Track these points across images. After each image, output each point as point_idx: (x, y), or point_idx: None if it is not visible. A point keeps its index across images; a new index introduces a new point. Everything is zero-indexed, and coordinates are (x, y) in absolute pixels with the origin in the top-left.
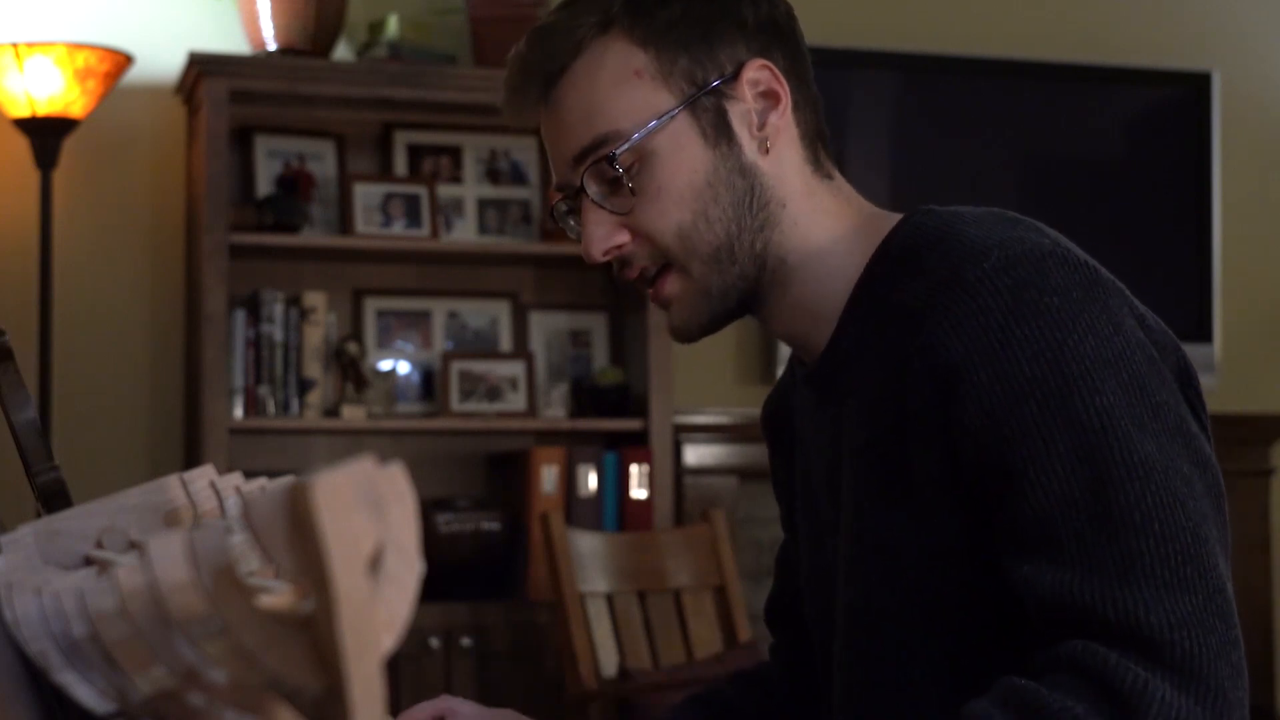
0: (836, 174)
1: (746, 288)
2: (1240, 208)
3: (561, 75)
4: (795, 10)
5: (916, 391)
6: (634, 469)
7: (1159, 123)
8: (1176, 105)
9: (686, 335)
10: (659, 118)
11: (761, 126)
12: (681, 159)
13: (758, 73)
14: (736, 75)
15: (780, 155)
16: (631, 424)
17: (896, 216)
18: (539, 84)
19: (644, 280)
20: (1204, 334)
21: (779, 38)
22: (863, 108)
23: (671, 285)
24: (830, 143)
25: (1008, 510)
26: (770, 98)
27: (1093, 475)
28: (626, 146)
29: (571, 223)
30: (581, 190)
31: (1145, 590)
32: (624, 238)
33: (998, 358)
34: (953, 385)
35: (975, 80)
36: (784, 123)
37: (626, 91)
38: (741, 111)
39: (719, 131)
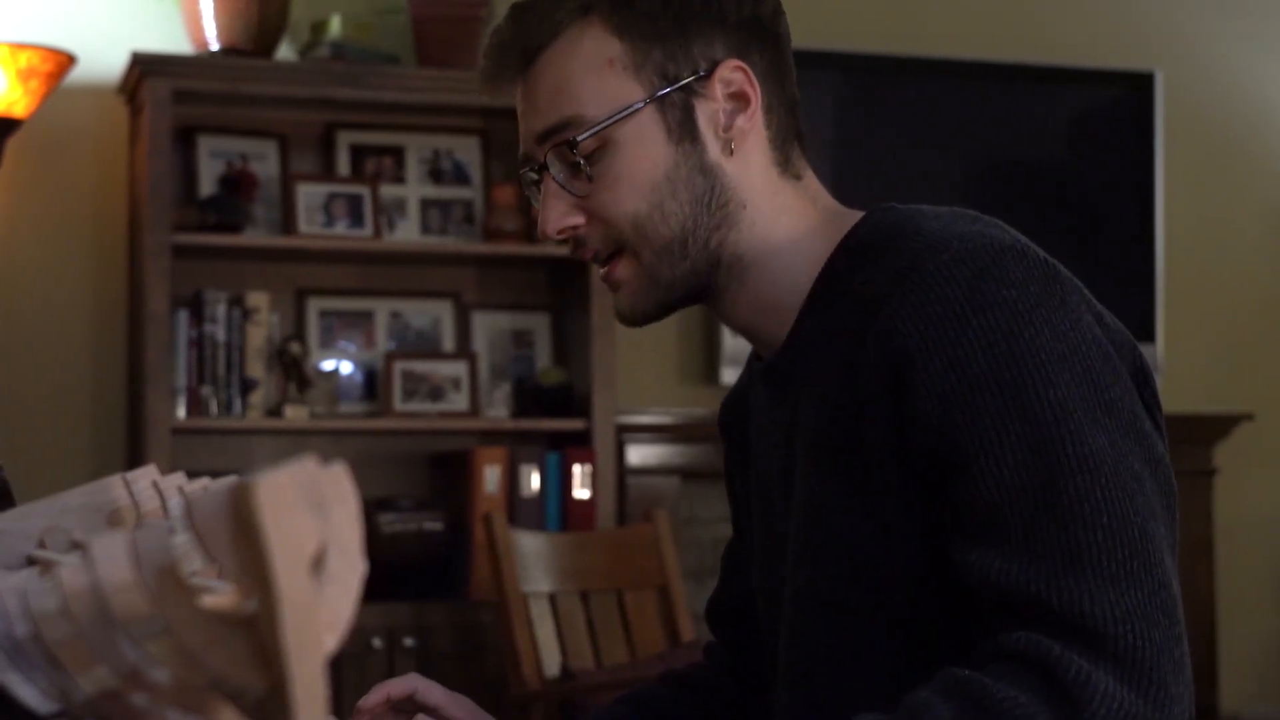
0: (807, 173)
1: (696, 282)
2: (1183, 207)
3: (538, 54)
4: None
5: (870, 377)
6: (577, 469)
7: (1102, 123)
8: (1119, 105)
9: (632, 320)
10: (624, 109)
11: (728, 128)
12: (643, 152)
13: (731, 73)
14: (709, 74)
15: (745, 156)
16: (574, 424)
17: (859, 214)
18: (515, 59)
19: (597, 260)
20: (1147, 334)
21: (760, 36)
22: (806, 108)
23: (623, 269)
24: (805, 142)
25: (957, 498)
26: (740, 99)
27: (1043, 467)
28: (589, 134)
29: (536, 191)
30: (544, 167)
31: (1091, 582)
32: (579, 219)
33: (953, 346)
34: (907, 372)
35: (918, 80)
36: (751, 125)
37: (597, 79)
38: (709, 111)
39: (683, 129)
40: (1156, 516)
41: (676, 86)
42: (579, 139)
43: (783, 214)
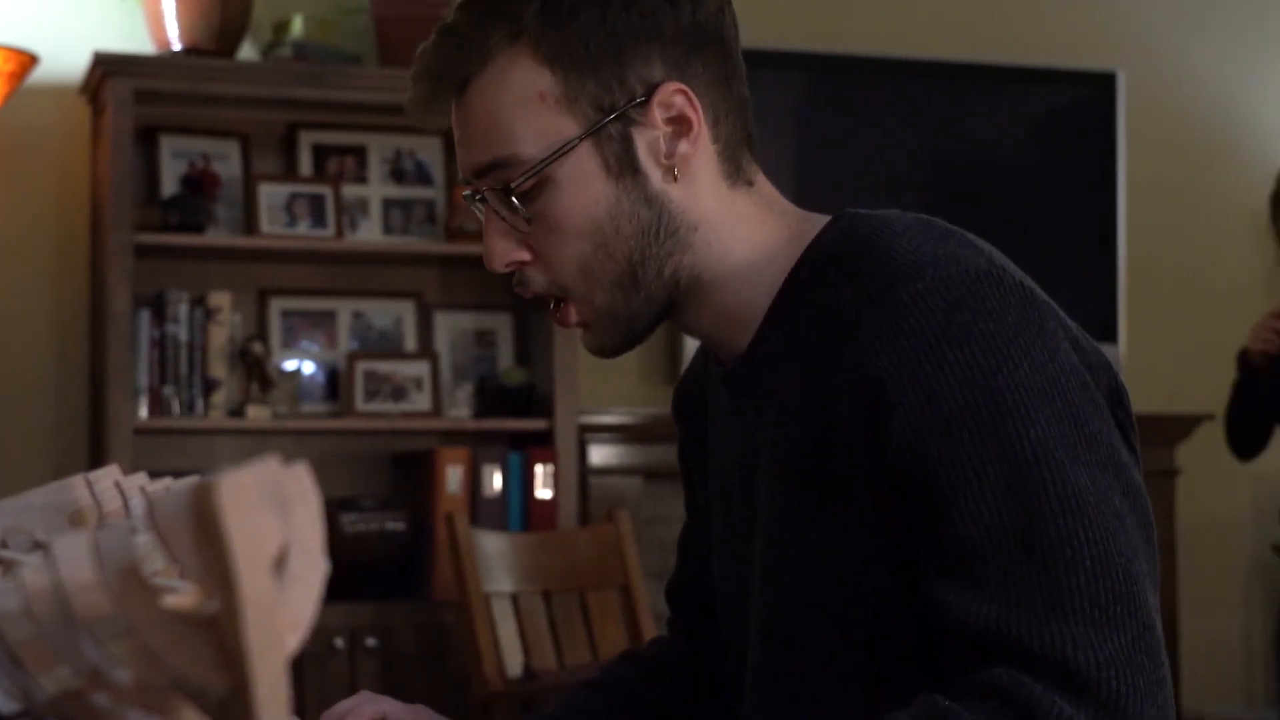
0: (759, 177)
1: (657, 309)
2: (1145, 208)
3: (468, 83)
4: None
5: (844, 406)
6: (539, 469)
7: (1064, 123)
8: (1082, 105)
9: (606, 354)
10: (559, 147)
11: (670, 154)
12: (582, 191)
13: (671, 97)
14: (647, 99)
15: (692, 179)
16: (536, 424)
17: (820, 219)
18: (447, 88)
19: (540, 304)
20: (1109, 334)
21: (702, 43)
22: (768, 109)
23: (578, 313)
24: (755, 144)
25: (934, 535)
26: (682, 123)
27: (1024, 507)
28: (524, 177)
29: (480, 209)
30: (484, 199)
31: (1074, 627)
32: (524, 255)
33: (929, 382)
34: (882, 405)
35: (881, 80)
36: (695, 148)
37: (529, 114)
38: (649, 139)
39: (622, 163)
40: (1139, 554)
41: (612, 118)
42: (514, 185)
43: (739, 226)
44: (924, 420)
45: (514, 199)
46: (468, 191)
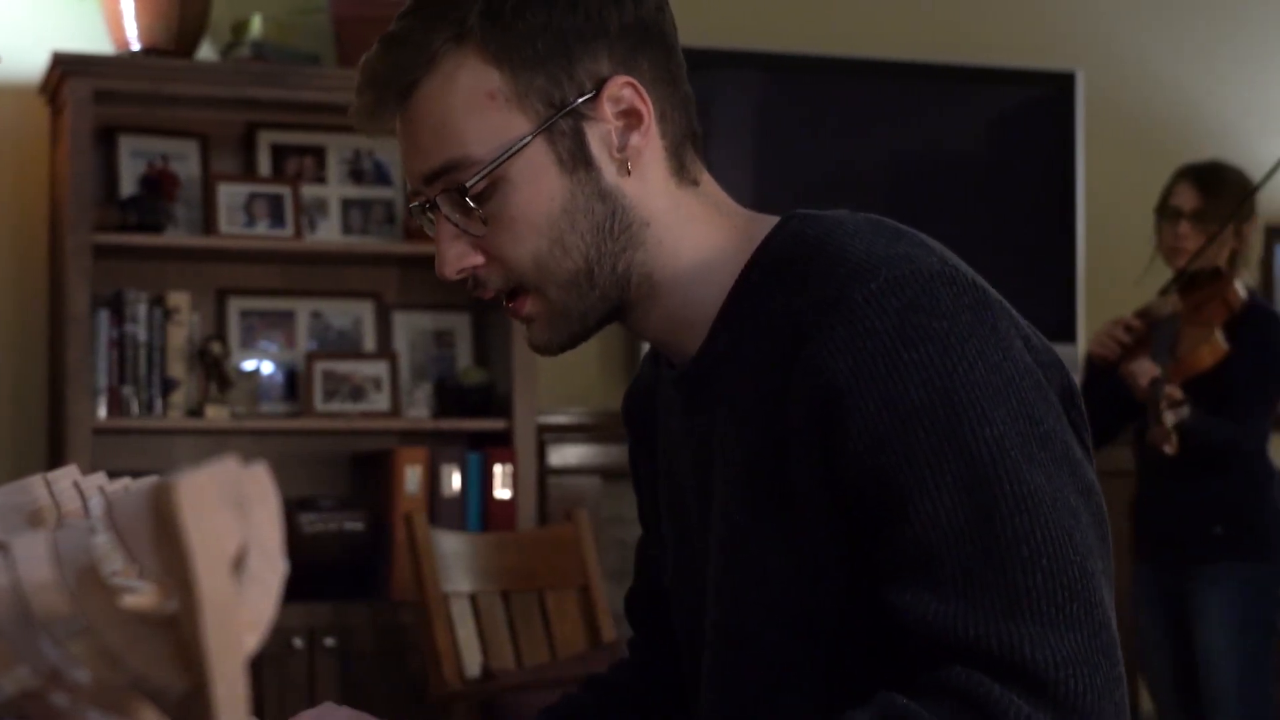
0: (704, 176)
1: (608, 307)
2: (1104, 207)
3: (414, 88)
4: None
5: (798, 410)
6: (498, 469)
7: (1023, 122)
8: (1040, 105)
9: (547, 351)
10: (512, 145)
11: (622, 147)
12: (537, 188)
13: (620, 90)
14: (597, 94)
15: (643, 173)
16: (495, 424)
17: (769, 220)
18: (392, 96)
19: (499, 299)
20: (1068, 334)
21: (647, 39)
22: (727, 108)
23: (531, 306)
24: (700, 142)
25: (890, 537)
26: (632, 116)
27: (980, 507)
28: (478, 177)
29: (428, 220)
30: (435, 206)
31: (1031, 626)
32: (478, 259)
33: (885, 383)
34: (837, 408)
35: (840, 80)
36: (646, 141)
37: (479, 114)
38: (601, 133)
39: (576, 157)
40: (1094, 552)
41: (563, 113)
42: (469, 184)
43: (688, 225)
44: (880, 421)
45: (468, 200)
46: (415, 203)
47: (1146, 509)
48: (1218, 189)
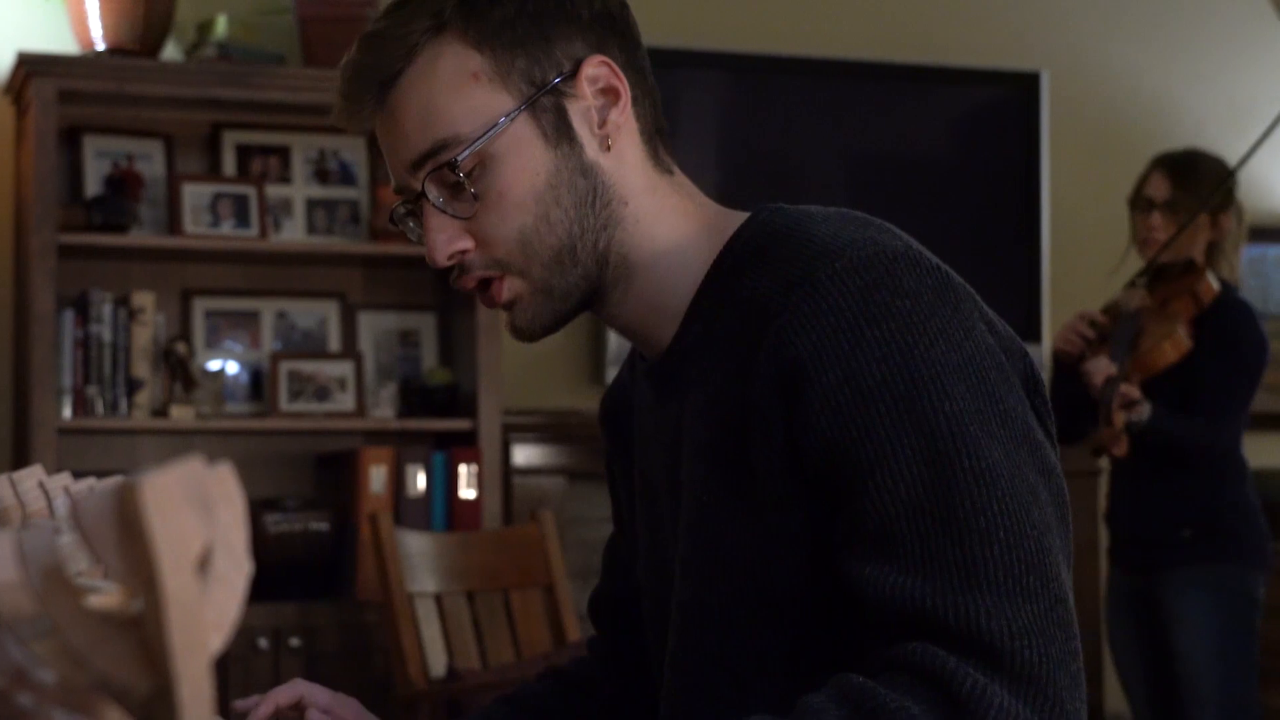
0: (676, 170)
1: (589, 287)
2: (1069, 207)
3: (396, 80)
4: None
5: (762, 387)
6: (462, 469)
7: (988, 123)
8: (1005, 105)
9: (529, 335)
10: (499, 121)
11: (602, 124)
12: (523, 162)
13: (597, 69)
14: (575, 72)
15: (621, 152)
16: (460, 424)
17: (743, 215)
18: (373, 90)
19: (479, 290)
20: (1033, 334)
21: (614, 31)
22: (691, 109)
23: (509, 289)
24: (668, 137)
25: (850, 511)
26: (610, 94)
27: (939, 480)
28: (468, 152)
29: (411, 224)
30: (422, 195)
31: (987, 597)
32: (467, 243)
33: (847, 359)
34: (800, 383)
35: (804, 80)
36: (624, 119)
37: (464, 95)
38: (582, 109)
39: (560, 132)
40: (1052, 529)
41: (545, 90)
42: (459, 158)
43: (664, 211)
44: (841, 396)
45: (459, 176)
46: (400, 203)
47: (1116, 511)
48: (1191, 178)
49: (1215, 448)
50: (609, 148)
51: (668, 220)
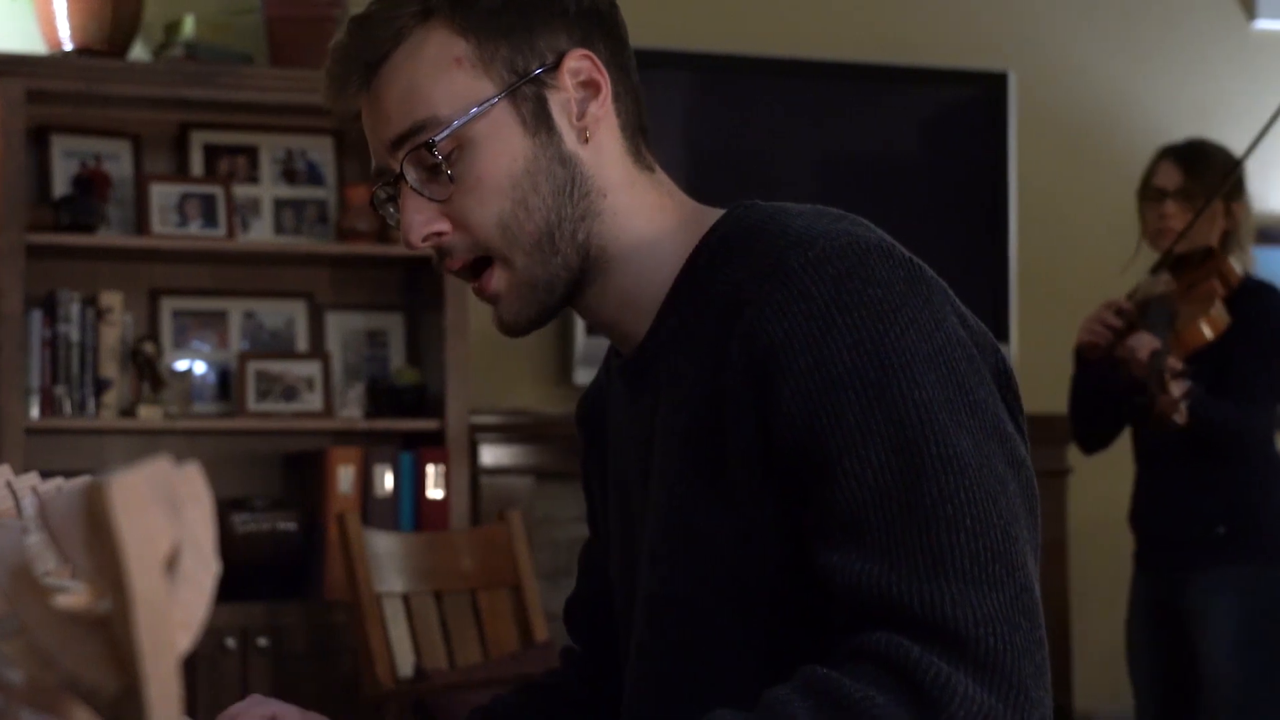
0: (657, 167)
1: (571, 278)
2: (1036, 208)
3: (382, 63)
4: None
5: (733, 375)
6: (430, 469)
7: (955, 123)
8: (973, 105)
9: (516, 329)
10: (479, 105)
11: (581, 116)
12: (501, 147)
13: (579, 62)
14: (557, 64)
15: (600, 145)
16: (428, 424)
17: (719, 211)
18: (360, 72)
19: (467, 273)
20: (1000, 334)
21: (601, 27)
22: (658, 109)
23: (498, 280)
24: (650, 136)
25: (819, 498)
26: (591, 87)
27: (907, 468)
28: (446, 133)
29: (391, 209)
30: (400, 177)
31: (953, 585)
32: (444, 225)
33: (818, 346)
34: (770, 370)
35: (772, 81)
36: (604, 112)
37: (447, 78)
38: (562, 100)
39: (539, 120)
40: (1019, 519)
41: (526, 79)
42: (436, 139)
43: (642, 205)
44: (812, 385)
45: (435, 157)
46: (378, 186)
47: (1144, 510)
48: (1201, 164)
49: (1248, 435)
50: (587, 140)
51: (645, 215)
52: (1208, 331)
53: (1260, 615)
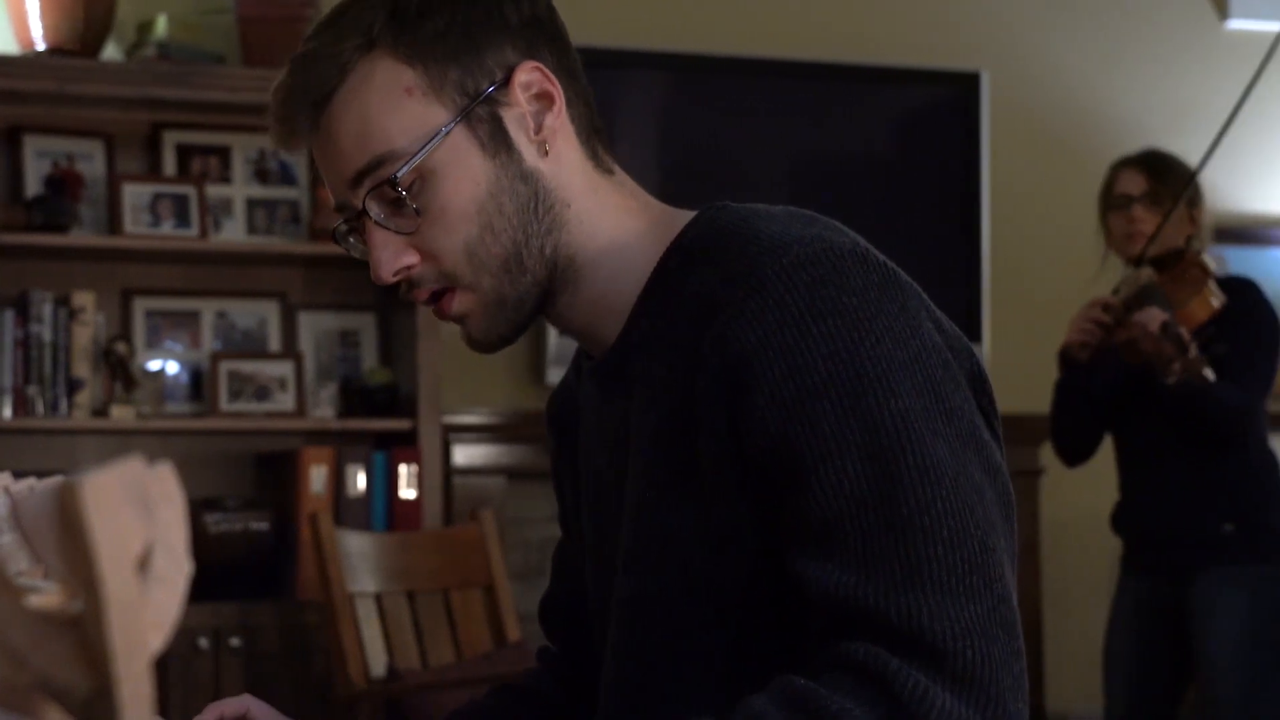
0: (617, 169)
1: (540, 292)
2: (1009, 208)
3: (329, 100)
4: (560, 9)
5: (707, 382)
6: (403, 469)
7: (928, 123)
8: (946, 105)
9: (487, 346)
10: (435, 134)
11: (538, 129)
12: (462, 173)
13: (529, 75)
14: (508, 80)
15: (560, 155)
16: (400, 424)
17: (689, 213)
18: (306, 111)
19: (431, 300)
20: (973, 334)
21: (544, 34)
22: (631, 109)
23: (461, 302)
24: (606, 138)
25: (795, 506)
26: (544, 99)
27: (883, 477)
28: (407, 167)
29: (352, 241)
30: (363, 213)
31: (930, 596)
32: (413, 257)
33: (793, 354)
34: (745, 378)
35: (745, 81)
36: (560, 122)
37: (399, 110)
38: (517, 116)
39: (496, 141)
40: (996, 529)
41: (479, 100)
42: (398, 174)
43: (607, 210)
44: (787, 392)
45: (399, 192)
46: (340, 221)
47: (1137, 511)
48: (1163, 168)
49: (1245, 419)
50: (547, 152)
51: (611, 219)
52: (1214, 301)
53: (1267, 615)
